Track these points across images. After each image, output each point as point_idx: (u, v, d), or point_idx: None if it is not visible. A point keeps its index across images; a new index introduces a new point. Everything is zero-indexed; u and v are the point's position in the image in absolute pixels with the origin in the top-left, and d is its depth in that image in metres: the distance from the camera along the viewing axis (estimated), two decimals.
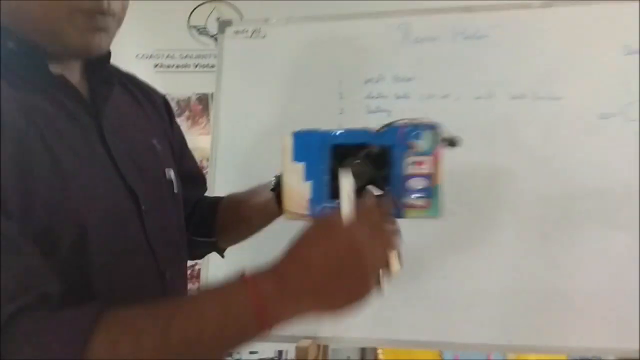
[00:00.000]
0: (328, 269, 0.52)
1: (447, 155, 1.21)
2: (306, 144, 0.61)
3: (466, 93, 1.14)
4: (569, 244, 1.09)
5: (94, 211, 0.59)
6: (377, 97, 1.18)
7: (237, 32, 1.26)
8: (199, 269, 1.31)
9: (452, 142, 0.61)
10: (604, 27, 1.11)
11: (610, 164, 1.07)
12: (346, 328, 1.13)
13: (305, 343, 1.10)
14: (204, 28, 1.74)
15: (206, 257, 1.12)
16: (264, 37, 1.24)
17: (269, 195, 0.79)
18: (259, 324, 0.52)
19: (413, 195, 0.59)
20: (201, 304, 0.53)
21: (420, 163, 0.59)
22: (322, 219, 0.57)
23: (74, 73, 0.66)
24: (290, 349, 1.69)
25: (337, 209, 0.55)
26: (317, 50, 1.22)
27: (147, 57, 1.75)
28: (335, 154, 0.60)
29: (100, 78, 0.68)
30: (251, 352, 1.80)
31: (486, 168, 1.12)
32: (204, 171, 1.12)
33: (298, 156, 0.61)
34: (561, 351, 1.17)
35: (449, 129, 0.62)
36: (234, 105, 1.27)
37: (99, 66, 0.68)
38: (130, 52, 1.73)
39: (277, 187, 0.71)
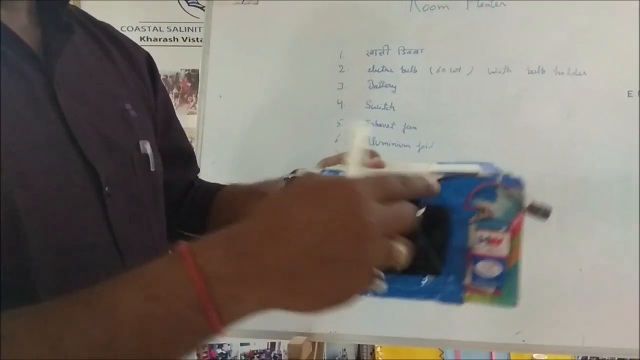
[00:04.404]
0: (312, 240, 0.35)
1: (453, 134, 1.09)
2: None
3: (479, 67, 1.08)
4: (588, 236, 1.02)
5: (32, 193, 0.48)
6: (381, 71, 1.11)
7: None
8: None
9: (542, 213, 0.42)
10: None
11: (637, 146, 1.00)
12: (343, 324, 1.06)
13: (298, 340, 1.01)
14: None
15: None
16: (256, 3, 1.17)
17: None
18: (201, 319, 0.35)
19: (480, 282, 0.42)
20: (115, 293, 0.36)
21: (495, 241, 0.41)
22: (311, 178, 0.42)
23: (19, 16, 0.54)
24: (284, 341, 1.62)
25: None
26: (315, 18, 1.15)
27: (132, 30, 1.65)
28: None
29: (56, 25, 0.57)
30: (242, 344, 1.72)
31: (499, 149, 1.05)
32: None
33: None
34: (570, 352, 1.11)
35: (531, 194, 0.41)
36: (223, 80, 1.19)
37: (53, 10, 0.57)
38: (115, 23, 1.62)
39: None
